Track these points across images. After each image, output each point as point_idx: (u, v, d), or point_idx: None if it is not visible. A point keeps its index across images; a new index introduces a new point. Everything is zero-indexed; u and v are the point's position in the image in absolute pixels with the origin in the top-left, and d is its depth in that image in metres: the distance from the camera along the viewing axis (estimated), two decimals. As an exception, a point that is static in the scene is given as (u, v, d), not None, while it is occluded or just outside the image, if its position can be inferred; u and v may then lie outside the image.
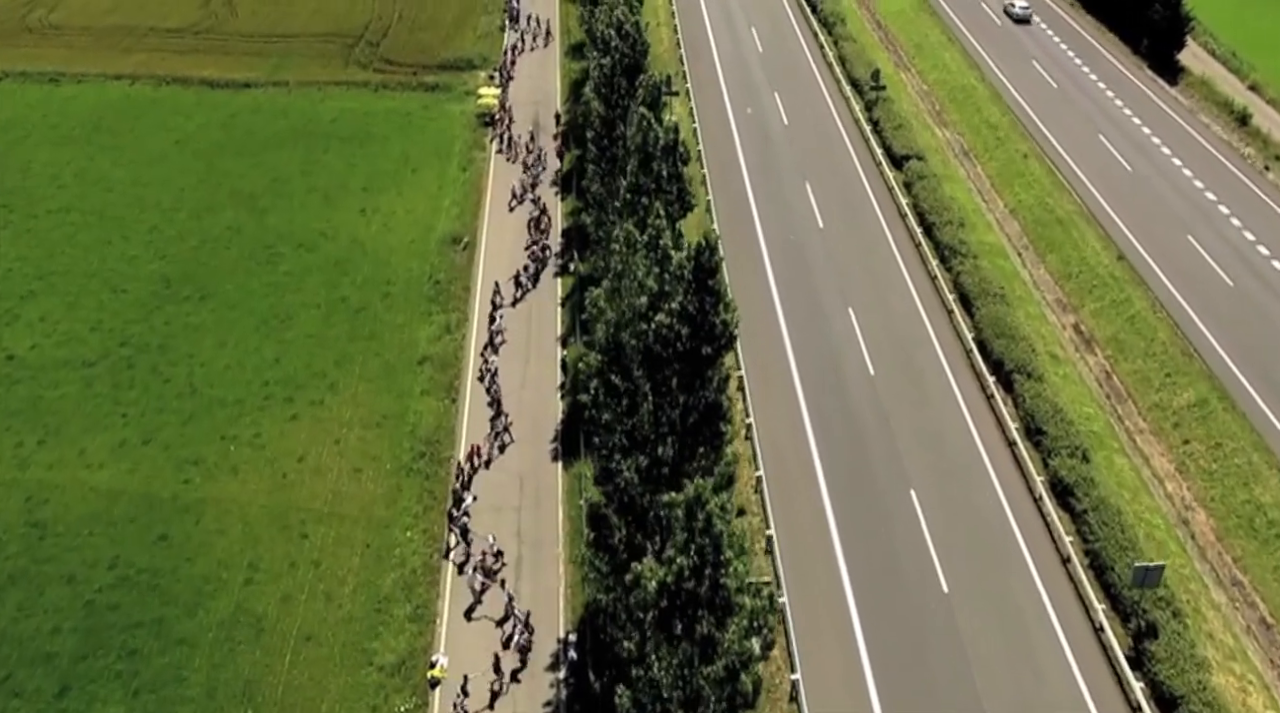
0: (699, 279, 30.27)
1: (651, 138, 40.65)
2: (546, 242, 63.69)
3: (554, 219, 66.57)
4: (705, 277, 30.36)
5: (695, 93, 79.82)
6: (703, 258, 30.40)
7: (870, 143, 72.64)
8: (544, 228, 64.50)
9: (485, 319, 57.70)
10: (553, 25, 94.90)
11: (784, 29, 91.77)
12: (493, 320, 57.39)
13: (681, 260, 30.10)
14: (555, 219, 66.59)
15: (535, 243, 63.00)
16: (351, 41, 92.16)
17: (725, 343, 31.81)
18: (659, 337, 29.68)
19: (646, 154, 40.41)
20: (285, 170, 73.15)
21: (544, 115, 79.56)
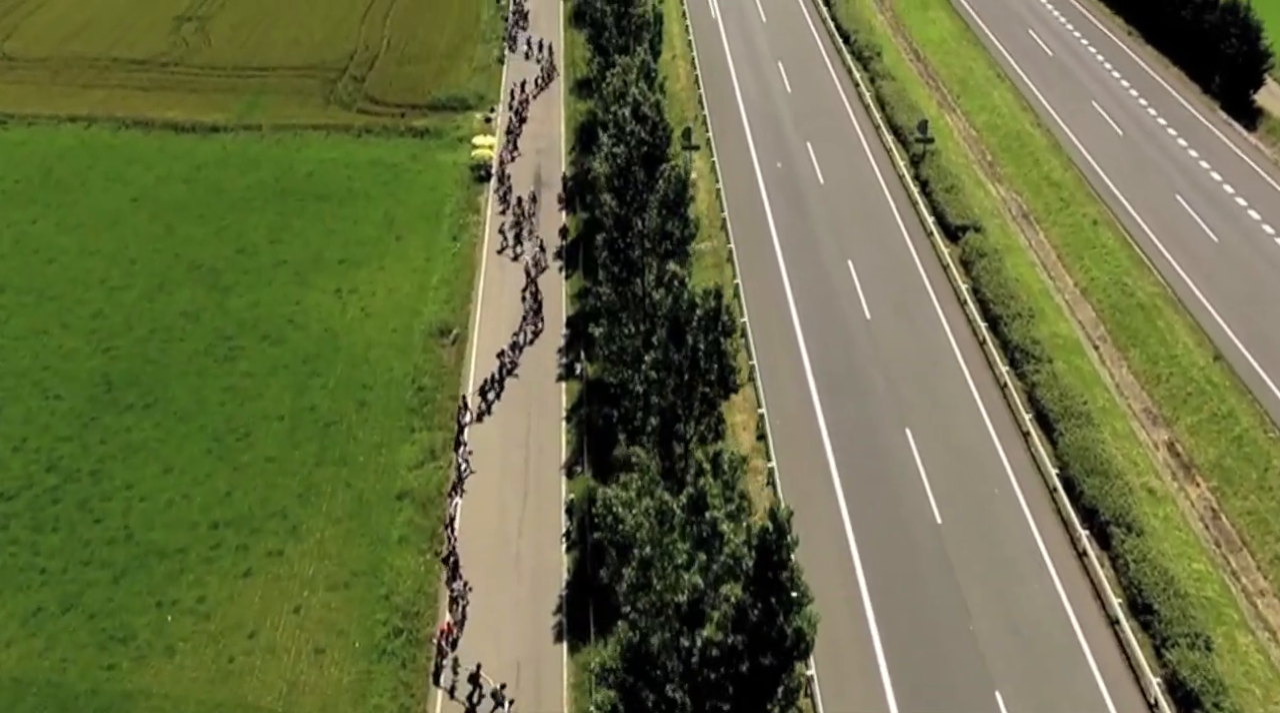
0: (763, 573, 21.81)
1: (685, 303, 31.90)
2: (537, 328, 55.52)
3: (557, 302, 57.87)
4: (772, 569, 21.84)
5: (717, 142, 70.83)
6: (769, 541, 21.82)
7: (919, 208, 63.65)
8: (537, 326, 56.13)
9: (475, 446, 49.12)
10: (556, 55, 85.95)
11: (814, 64, 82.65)
12: (458, 445, 48.82)
13: (738, 548, 21.61)
14: (559, 304, 57.83)
15: (516, 345, 54.58)
16: (334, 75, 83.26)
17: (798, 654, 23.28)
18: (706, 659, 21.28)
19: (677, 323, 31.75)
20: (253, 237, 64.41)
21: (548, 168, 70.73)
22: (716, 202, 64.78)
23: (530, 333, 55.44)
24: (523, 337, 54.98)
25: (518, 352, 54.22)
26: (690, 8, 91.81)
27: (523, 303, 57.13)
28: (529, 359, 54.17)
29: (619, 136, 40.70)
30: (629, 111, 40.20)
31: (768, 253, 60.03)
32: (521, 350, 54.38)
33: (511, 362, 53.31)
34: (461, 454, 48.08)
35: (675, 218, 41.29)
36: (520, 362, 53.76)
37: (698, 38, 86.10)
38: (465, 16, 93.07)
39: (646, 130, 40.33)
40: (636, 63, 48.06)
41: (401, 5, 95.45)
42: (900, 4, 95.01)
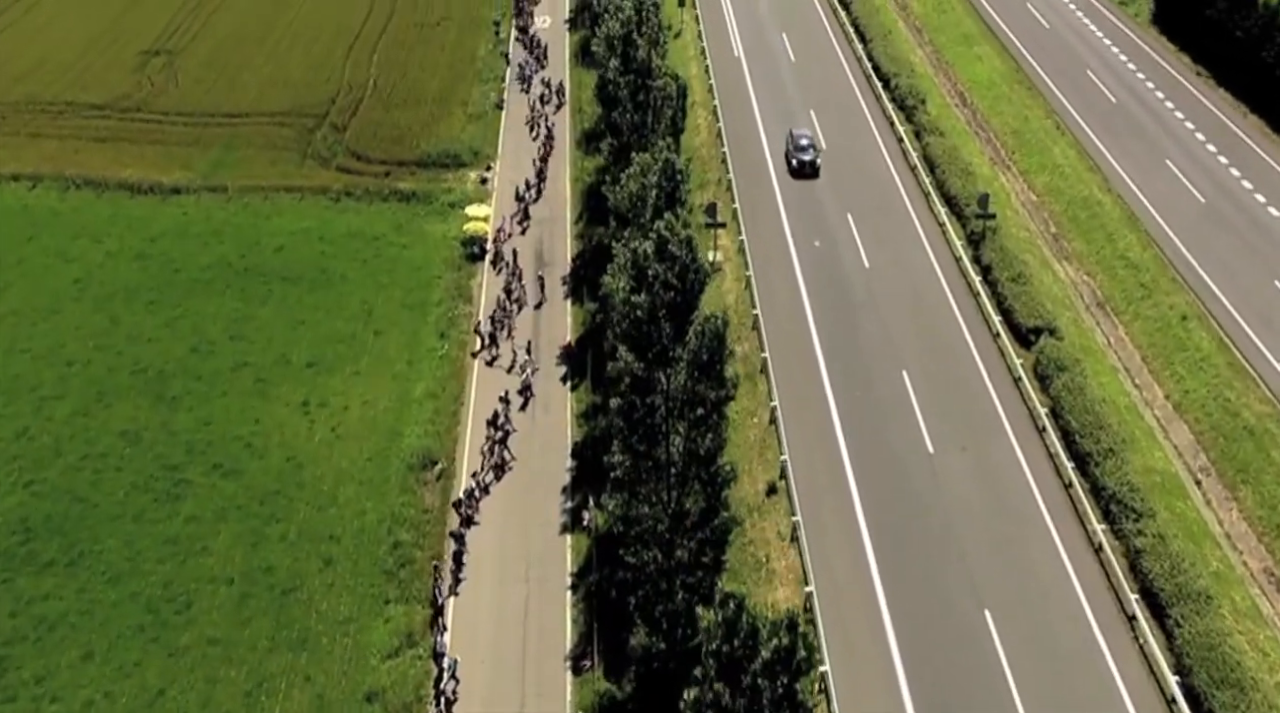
0: None
1: (744, 631, 23.18)
2: (502, 460, 46.87)
3: (560, 424, 49.22)
4: None
5: (745, 214, 61.88)
6: None
7: (982, 302, 54.77)
8: (503, 458, 47.30)
9: (459, 626, 40.45)
10: (564, 96, 77.20)
11: (851, 113, 73.50)
12: (435, 623, 40.19)
13: None
14: (562, 426, 49.17)
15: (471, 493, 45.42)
16: (312, 123, 74.43)
17: None
18: None
19: (733, 661, 22.98)
20: (210, 331, 55.77)
21: (550, 243, 61.99)
22: (746, 292, 55.93)
23: (493, 472, 46.72)
24: (483, 475, 46.20)
25: (473, 501, 45.12)
26: (710, 45, 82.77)
27: (489, 429, 48.21)
28: (526, 505, 45.51)
29: (639, 279, 31.98)
30: (652, 247, 31.49)
31: (808, 363, 51.08)
32: (478, 499, 45.41)
33: (467, 512, 44.45)
34: (439, 641, 39.51)
35: (709, 379, 32.62)
36: (486, 506, 45.06)
37: (719, 81, 77.07)
38: (460, 52, 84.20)
39: (674, 273, 31.64)
40: (659, 162, 39.27)
41: (391, 38, 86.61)
42: (941, 38, 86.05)
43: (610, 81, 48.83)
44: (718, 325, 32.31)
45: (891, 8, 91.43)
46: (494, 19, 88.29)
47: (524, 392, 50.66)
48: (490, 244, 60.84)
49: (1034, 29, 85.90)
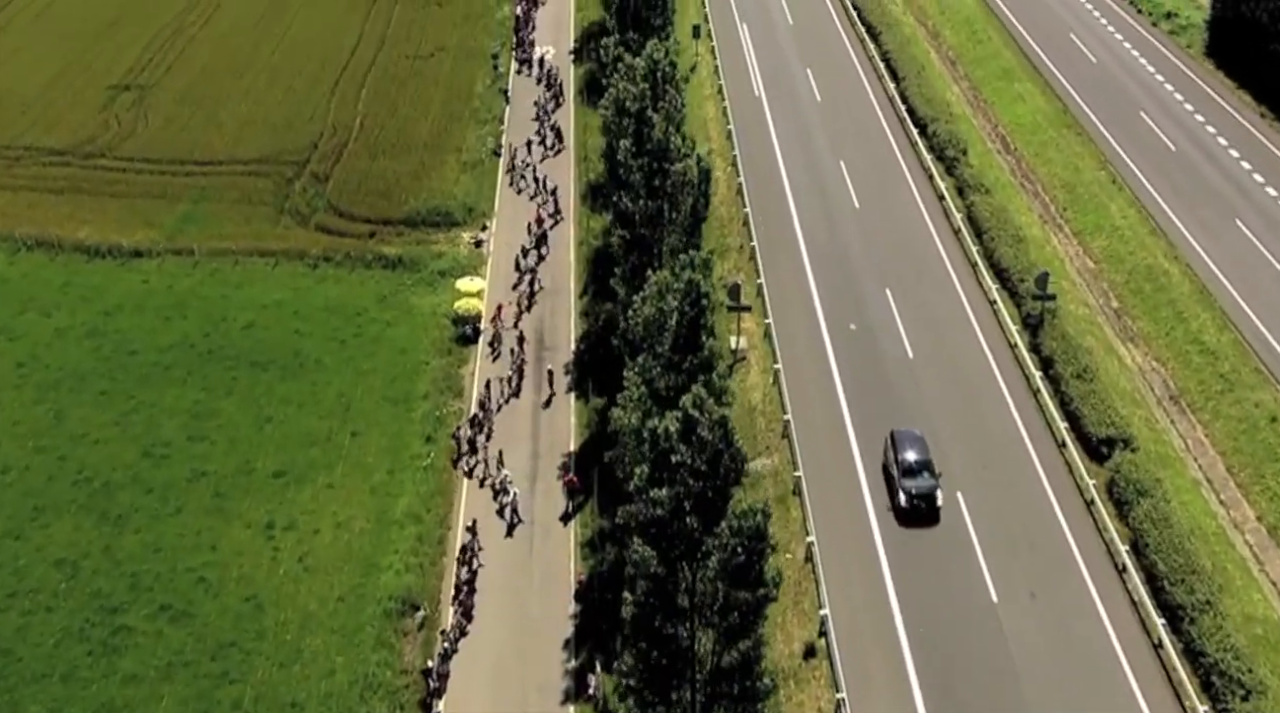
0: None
1: None
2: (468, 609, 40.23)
3: (561, 559, 42.57)
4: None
5: (771, 291, 55.03)
6: None
7: (1043, 402, 47.94)
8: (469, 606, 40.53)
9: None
10: (563, 140, 70.47)
11: (886, 165, 66.43)
12: None
13: None
14: (563, 561, 42.52)
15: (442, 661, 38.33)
16: (291, 172, 67.70)
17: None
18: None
19: None
20: (166, 429, 49.18)
21: (552, 320, 55.30)
22: (774, 387, 49.20)
23: (456, 632, 39.72)
24: (451, 642, 39.12)
25: (446, 664, 38.17)
26: (728, 82, 75.79)
27: (459, 565, 41.71)
28: (520, 663, 38.75)
29: (659, 465, 25.36)
30: (677, 429, 24.90)
31: (849, 483, 44.15)
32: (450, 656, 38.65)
33: (437, 683, 37.69)
34: None
35: (745, 584, 26.00)
36: (472, 662, 38.34)
37: (739, 126, 70.09)
38: (455, 88, 77.42)
39: (705, 459, 25.05)
40: (681, 282, 32.44)
41: (381, 71, 79.88)
42: (978, 72, 79.16)
43: (621, 163, 42.11)
44: (758, 522, 25.65)
45: (923, 37, 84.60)
46: (492, 51, 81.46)
47: (506, 513, 44.04)
48: (485, 324, 54.16)
49: (1078, 63, 78.92)
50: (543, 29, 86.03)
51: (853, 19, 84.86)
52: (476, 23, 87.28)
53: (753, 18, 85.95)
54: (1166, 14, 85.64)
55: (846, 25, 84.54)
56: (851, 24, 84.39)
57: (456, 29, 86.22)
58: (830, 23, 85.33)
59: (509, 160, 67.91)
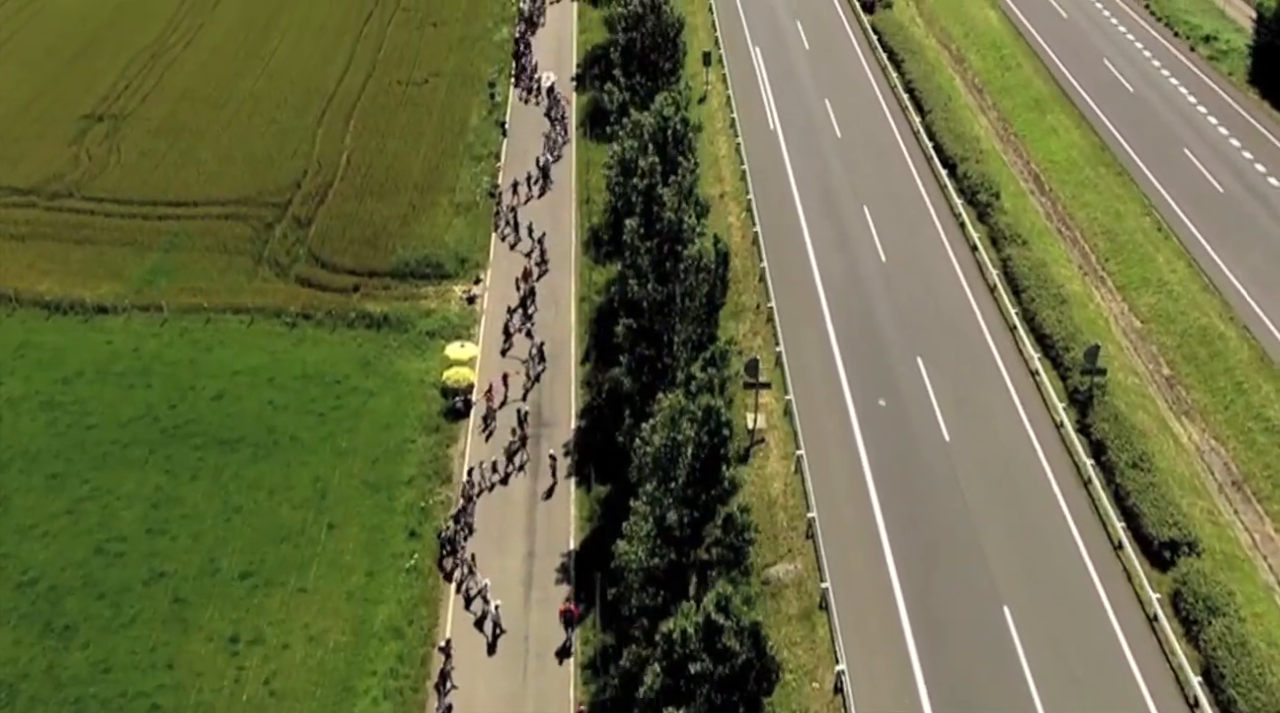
0: None
1: None
2: None
3: (558, 690, 37.78)
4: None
5: (791, 361, 49.96)
6: None
7: (1095, 493, 43.07)
8: None
9: None
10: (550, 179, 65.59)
11: (913, 211, 61.01)
12: None
13: None
14: (566, 691, 37.73)
15: None
16: (272, 216, 62.83)
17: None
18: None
19: None
20: (123, 520, 44.43)
21: (550, 390, 50.44)
22: (795, 477, 44.33)
23: None
24: None
25: None
26: (741, 114, 70.67)
27: (438, 695, 37.16)
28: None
29: (675, 672, 20.59)
30: (697, 631, 20.17)
31: (880, 594, 39.22)
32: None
33: None
34: None
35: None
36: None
37: (754, 164, 65.01)
38: (449, 119, 72.52)
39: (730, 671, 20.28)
40: (698, 407, 27.42)
41: (370, 100, 75.00)
42: (1007, 102, 74.18)
43: (628, 245, 37.22)
44: None
45: (947, 62, 79.63)
46: (489, 78, 76.52)
47: (486, 624, 39.32)
48: (477, 397, 49.35)
49: (1115, 92, 73.87)
50: (543, 53, 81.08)
51: (873, 43, 79.86)
52: (473, 46, 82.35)
53: (767, 42, 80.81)
54: (1205, 37, 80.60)
55: (866, 50, 79.50)
56: (872, 49, 79.38)
57: (452, 52, 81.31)
58: (849, 47, 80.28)
59: (499, 203, 63.16)
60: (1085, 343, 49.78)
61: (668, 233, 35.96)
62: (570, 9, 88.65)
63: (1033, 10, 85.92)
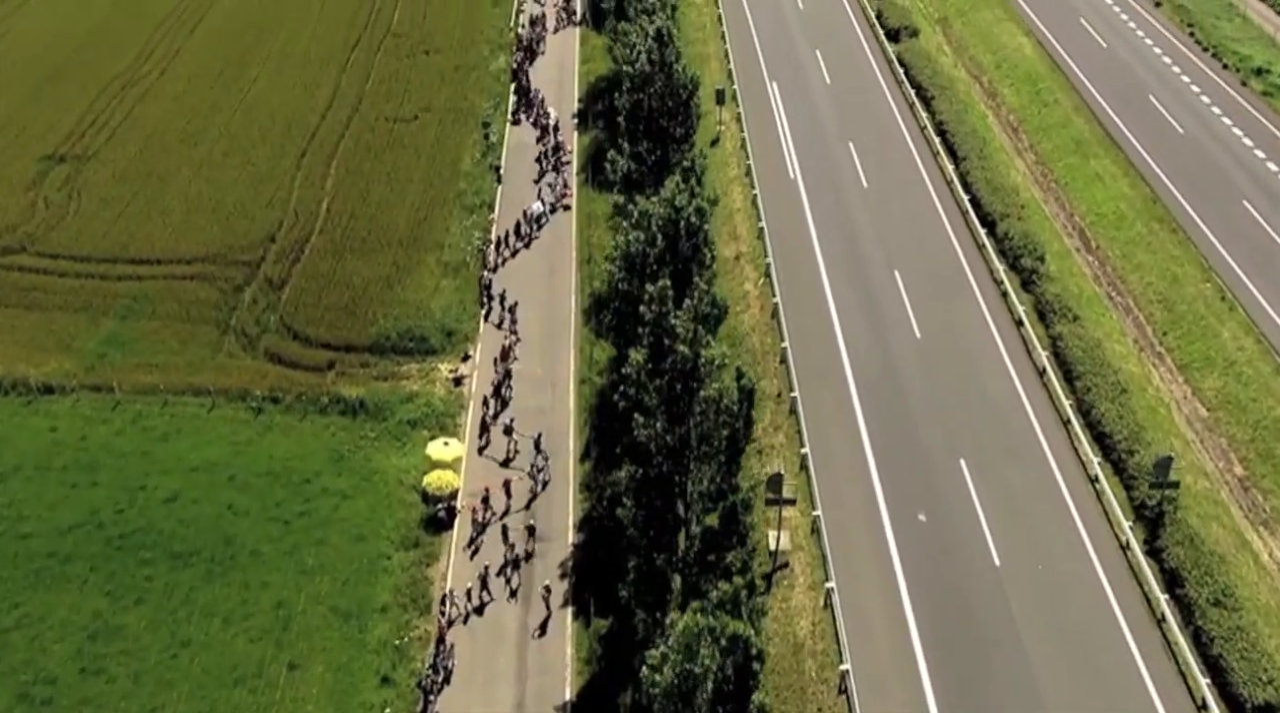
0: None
1: None
2: None
3: None
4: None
5: (818, 465, 44.02)
6: None
7: (1176, 646, 37.23)
8: None
9: None
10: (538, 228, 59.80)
11: (951, 278, 54.72)
12: None
13: None
14: None
15: None
16: (242, 277, 57.11)
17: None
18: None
19: None
20: (53, 657, 38.69)
21: (546, 498, 44.60)
22: (826, 612, 38.51)
23: None
24: None
25: None
26: (757, 161, 64.58)
27: None
28: None
29: None
30: None
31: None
32: None
33: None
34: None
35: None
36: None
37: (772, 221, 58.82)
38: (439, 162, 66.72)
39: None
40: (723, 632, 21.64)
41: (355, 139, 69.14)
42: (1046, 144, 68.21)
43: (634, 381, 31.39)
44: None
45: (979, 97, 73.71)
46: (484, 116, 70.66)
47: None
48: (462, 506, 43.62)
49: (1162, 133, 67.85)
50: (543, 84, 75.12)
51: (899, 76, 73.87)
52: (468, 77, 76.48)
53: (785, 75, 74.73)
54: (1256, 70, 74.60)
55: (892, 85, 73.52)
56: (898, 83, 73.42)
57: (445, 85, 75.41)
58: (874, 81, 74.26)
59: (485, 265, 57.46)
60: (1149, 443, 44.12)
61: (681, 370, 30.23)
62: (572, 36, 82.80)
63: (1069, 38, 79.92)
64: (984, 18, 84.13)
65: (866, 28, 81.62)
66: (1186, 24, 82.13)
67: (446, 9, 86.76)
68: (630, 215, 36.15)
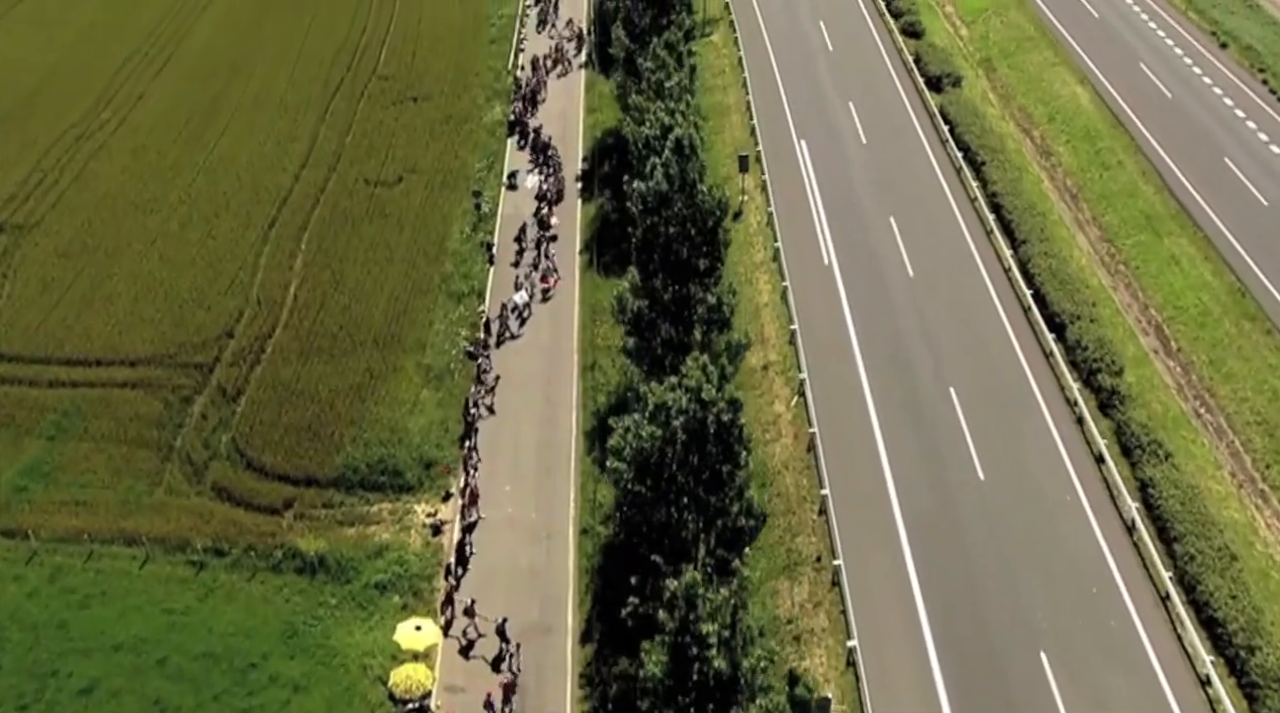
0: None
1: None
2: None
3: None
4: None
5: (868, 668, 35.99)
6: None
7: None
8: None
9: None
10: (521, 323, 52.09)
11: (1016, 396, 46.56)
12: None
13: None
14: None
15: None
16: (190, 386, 49.44)
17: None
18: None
19: None
20: None
21: (537, 703, 36.86)
22: None
23: None
24: None
25: None
26: (786, 244, 56.20)
27: None
28: None
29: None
30: None
31: None
32: None
33: None
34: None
35: None
36: None
37: (806, 320, 50.90)
38: (424, 236, 58.83)
39: None
40: None
41: (330, 206, 61.36)
42: (1110, 216, 60.07)
43: (652, 693, 23.41)
44: None
45: (1031, 155, 65.69)
46: (474, 185, 62.69)
47: None
48: (436, 702, 35.87)
49: (1246, 207, 59.51)
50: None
51: (942, 133, 65.71)
52: (459, 130, 68.56)
53: (815, 133, 66.37)
54: (1342, 124, 66.63)
55: (936, 144, 65.31)
56: (942, 142, 65.30)
57: (434, 140, 67.50)
58: (915, 141, 65.81)
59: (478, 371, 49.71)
60: (1268, 634, 36.28)
61: (716, 682, 22.27)
62: (576, 81, 74.83)
63: (1129, 86, 71.71)
64: (1032, 61, 76.02)
65: (903, 72, 73.48)
66: (1257, 68, 73.89)
67: (439, 47, 78.89)
68: (644, 404, 28.50)
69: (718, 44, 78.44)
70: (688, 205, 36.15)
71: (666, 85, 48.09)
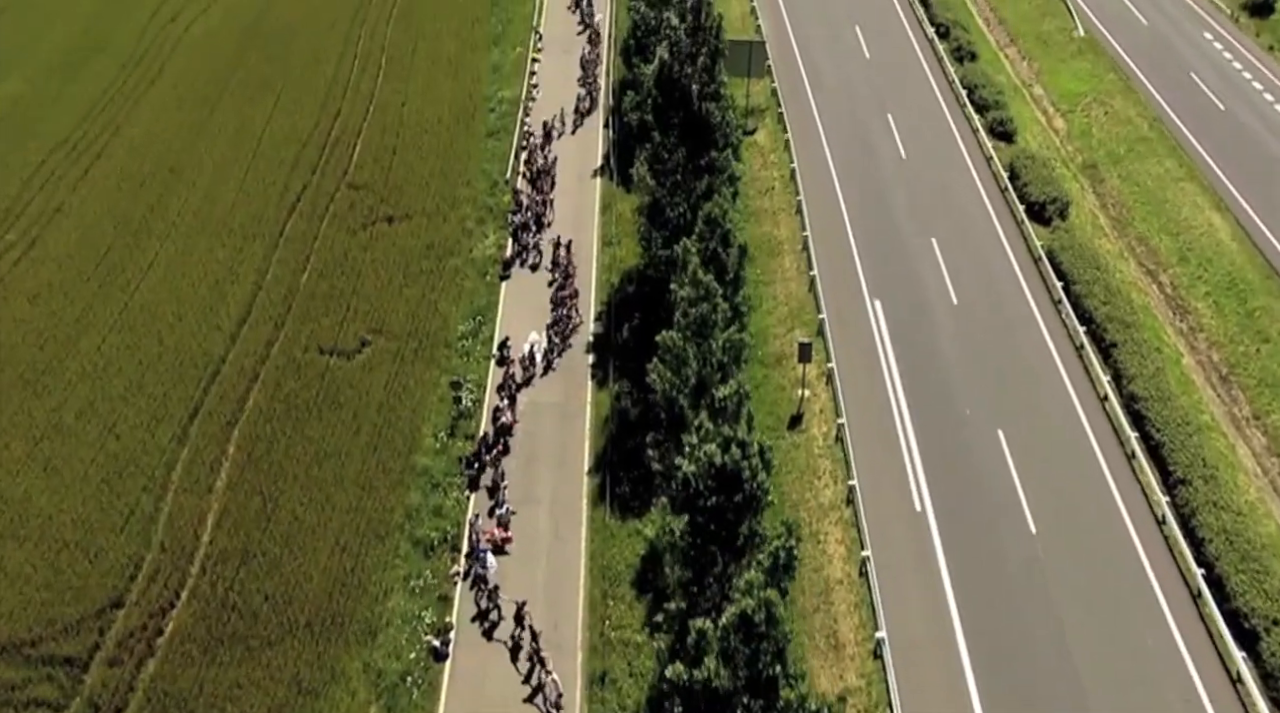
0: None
1: None
2: None
3: None
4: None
5: None
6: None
7: None
8: None
9: None
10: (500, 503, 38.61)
11: (1130, 598, 34.23)
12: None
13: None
14: None
15: None
16: (56, 693, 35.99)
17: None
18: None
19: None
20: None
21: None
22: None
23: None
24: None
25: None
26: (865, 484, 41.81)
27: None
28: None
29: None
30: None
31: None
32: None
33: None
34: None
35: None
36: None
37: (890, 605, 37.44)
38: (386, 441, 44.79)
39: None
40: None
41: (270, 389, 47.47)
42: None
43: None
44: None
45: (1156, 307, 51.72)
46: (454, 370, 48.84)
47: None
48: None
49: None
50: (537, 291, 53.61)
51: (1054, 291, 51.44)
52: (441, 267, 54.78)
53: (892, 292, 50.71)
54: None
55: (1046, 307, 50.78)
56: (1054, 302, 51.20)
57: (410, 283, 53.71)
58: (1021, 303, 50.42)
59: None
60: None
61: None
62: (591, 196, 60.93)
63: (1277, 216, 57.60)
64: (1150, 172, 61.65)
65: (996, 195, 59.11)
66: None
67: (424, 142, 65.08)
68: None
69: (763, 146, 64.33)
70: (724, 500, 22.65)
71: (710, 320, 34.63)
